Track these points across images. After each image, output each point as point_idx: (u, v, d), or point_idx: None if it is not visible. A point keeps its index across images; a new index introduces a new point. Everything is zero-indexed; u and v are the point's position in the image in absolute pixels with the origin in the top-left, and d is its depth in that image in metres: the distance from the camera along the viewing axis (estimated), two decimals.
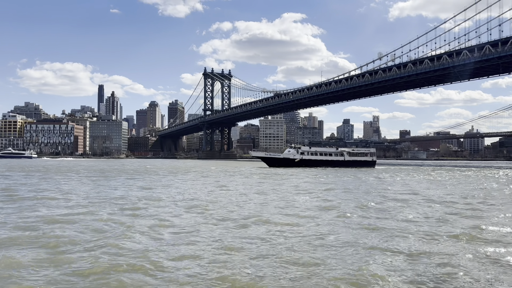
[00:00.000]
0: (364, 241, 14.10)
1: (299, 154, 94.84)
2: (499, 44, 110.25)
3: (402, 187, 38.97)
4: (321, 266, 11.24)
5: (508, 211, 21.72)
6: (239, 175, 58.48)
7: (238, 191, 33.05)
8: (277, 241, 14.13)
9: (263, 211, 20.98)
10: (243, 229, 16.20)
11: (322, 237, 14.77)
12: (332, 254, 12.47)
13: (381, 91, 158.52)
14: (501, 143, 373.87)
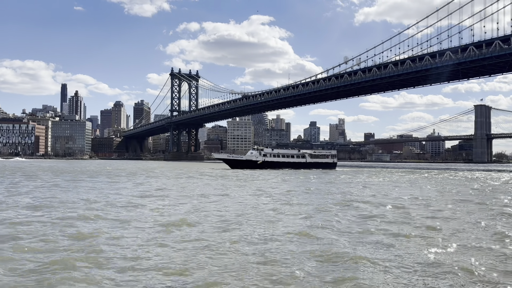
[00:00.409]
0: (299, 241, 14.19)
1: (261, 156, 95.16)
2: (459, 51, 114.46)
3: (359, 188, 39.74)
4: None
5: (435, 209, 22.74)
6: (198, 177, 57.46)
7: (181, 194, 31.80)
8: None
9: (186, 215, 20.19)
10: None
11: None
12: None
13: (346, 94, 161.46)
14: (461, 146, 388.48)
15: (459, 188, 40.67)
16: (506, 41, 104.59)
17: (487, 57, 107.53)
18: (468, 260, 11.80)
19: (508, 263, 11.66)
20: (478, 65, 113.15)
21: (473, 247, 13.38)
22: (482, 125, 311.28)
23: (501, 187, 43.85)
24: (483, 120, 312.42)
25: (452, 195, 32.66)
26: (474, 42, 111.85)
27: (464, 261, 11.69)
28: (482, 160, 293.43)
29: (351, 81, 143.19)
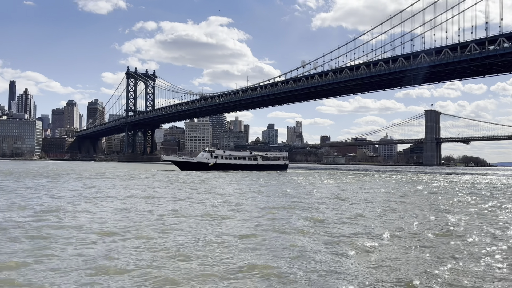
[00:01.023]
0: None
1: (213, 158, 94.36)
2: (411, 57, 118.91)
3: (307, 189, 40.30)
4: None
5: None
6: (145, 179, 56.23)
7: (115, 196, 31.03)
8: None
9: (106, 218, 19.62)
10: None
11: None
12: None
13: (304, 97, 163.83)
14: (412, 150, 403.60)
15: (399, 189, 42.09)
16: (454, 50, 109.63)
17: (437, 64, 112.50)
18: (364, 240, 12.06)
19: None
20: (425, 72, 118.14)
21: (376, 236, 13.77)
22: (432, 130, 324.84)
23: (440, 190, 45.74)
24: (433, 124, 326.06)
25: (389, 196, 33.71)
26: (425, 50, 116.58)
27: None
28: (431, 163, 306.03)
29: (308, 85, 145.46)
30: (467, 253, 13.04)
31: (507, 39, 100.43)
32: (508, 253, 13.19)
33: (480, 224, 19.01)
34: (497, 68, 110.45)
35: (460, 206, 27.15)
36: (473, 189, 46.71)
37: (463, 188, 48.06)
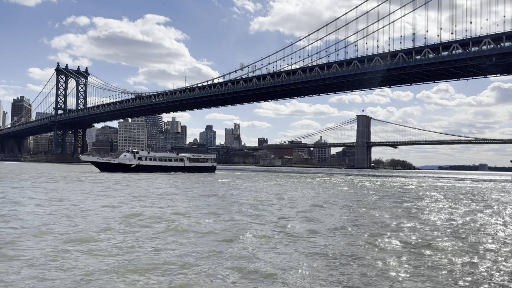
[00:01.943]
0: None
1: (136, 159, 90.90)
2: (344, 64, 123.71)
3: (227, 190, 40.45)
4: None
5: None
6: (60, 181, 53.33)
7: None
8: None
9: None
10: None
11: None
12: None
13: (242, 100, 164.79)
14: (344, 153, 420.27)
15: (323, 190, 43.52)
16: (384, 58, 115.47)
17: (368, 71, 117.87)
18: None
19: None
20: (357, 79, 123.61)
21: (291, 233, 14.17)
22: (363, 134, 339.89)
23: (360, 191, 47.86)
24: (364, 129, 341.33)
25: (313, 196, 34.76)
26: (358, 57, 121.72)
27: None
28: (362, 166, 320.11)
29: (246, 88, 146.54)
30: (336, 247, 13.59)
31: (431, 50, 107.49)
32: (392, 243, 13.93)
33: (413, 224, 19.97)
34: (422, 77, 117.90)
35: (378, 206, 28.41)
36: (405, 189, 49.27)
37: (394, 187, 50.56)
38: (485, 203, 32.93)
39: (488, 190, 51.18)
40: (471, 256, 12.82)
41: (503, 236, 16.65)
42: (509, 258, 12.73)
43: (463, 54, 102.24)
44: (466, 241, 15.25)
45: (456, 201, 33.82)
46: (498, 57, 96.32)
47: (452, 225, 19.14)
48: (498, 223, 20.19)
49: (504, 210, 26.81)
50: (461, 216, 23.40)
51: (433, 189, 52.73)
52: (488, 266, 11.76)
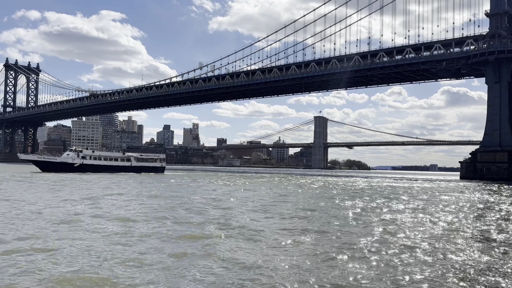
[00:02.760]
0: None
1: (79, 158, 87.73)
2: (302, 66, 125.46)
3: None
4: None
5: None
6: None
7: None
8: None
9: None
10: None
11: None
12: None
13: (201, 99, 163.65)
14: (302, 153, 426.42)
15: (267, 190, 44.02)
16: (341, 61, 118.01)
17: (330, 73, 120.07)
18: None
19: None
20: (315, 81, 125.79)
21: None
22: (320, 135, 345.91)
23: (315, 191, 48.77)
24: (321, 130, 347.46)
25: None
26: (316, 59, 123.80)
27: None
28: (319, 166, 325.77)
29: (205, 87, 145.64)
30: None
31: (386, 54, 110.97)
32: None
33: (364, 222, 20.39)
34: (377, 80, 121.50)
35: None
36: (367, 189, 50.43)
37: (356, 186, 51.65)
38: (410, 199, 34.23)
39: (423, 189, 53.29)
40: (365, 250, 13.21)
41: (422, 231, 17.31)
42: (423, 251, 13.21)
43: (415, 58, 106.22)
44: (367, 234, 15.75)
45: (384, 200, 34.92)
46: (448, 62, 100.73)
47: (366, 220, 19.73)
48: (422, 221, 20.96)
49: (431, 208, 27.95)
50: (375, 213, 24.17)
51: (371, 188, 54.34)
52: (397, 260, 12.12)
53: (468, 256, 12.82)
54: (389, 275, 10.57)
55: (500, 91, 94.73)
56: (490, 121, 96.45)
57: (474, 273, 10.90)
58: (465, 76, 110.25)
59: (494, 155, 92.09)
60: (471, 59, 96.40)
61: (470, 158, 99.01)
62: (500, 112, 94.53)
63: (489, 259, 12.42)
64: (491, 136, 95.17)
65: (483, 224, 19.91)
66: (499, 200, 35.51)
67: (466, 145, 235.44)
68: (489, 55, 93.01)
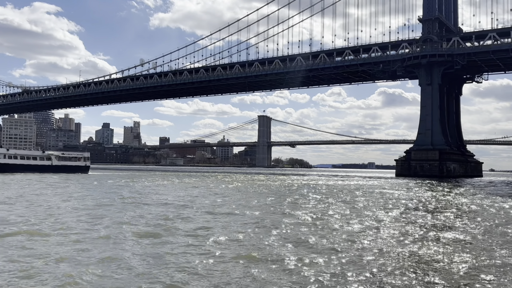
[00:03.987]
0: None
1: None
2: (246, 65, 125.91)
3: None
4: None
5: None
6: None
7: None
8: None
9: None
10: None
11: None
12: None
13: (142, 97, 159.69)
14: (246, 152, 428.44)
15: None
16: (284, 61, 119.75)
17: (269, 73, 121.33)
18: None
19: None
20: (259, 80, 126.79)
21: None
22: (264, 134, 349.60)
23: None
24: (264, 129, 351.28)
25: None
26: (259, 59, 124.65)
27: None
28: (263, 165, 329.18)
29: (147, 84, 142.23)
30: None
31: (327, 55, 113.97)
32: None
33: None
34: (318, 80, 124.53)
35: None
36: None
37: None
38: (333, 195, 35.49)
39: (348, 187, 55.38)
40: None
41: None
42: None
43: (354, 60, 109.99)
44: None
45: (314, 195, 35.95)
46: (385, 64, 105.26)
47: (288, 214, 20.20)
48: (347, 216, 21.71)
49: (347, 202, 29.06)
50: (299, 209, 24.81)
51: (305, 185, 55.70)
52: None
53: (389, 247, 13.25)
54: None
55: (432, 92, 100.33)
56: (423, 121, 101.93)
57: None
58: (400, 78, 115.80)
59: (426, 153, 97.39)
60: (405, 61, 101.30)
61: (405, 156, 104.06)
62: (432, 112, 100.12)
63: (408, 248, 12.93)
64: (424, 135, 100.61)
65: (409, 218, 20.81)
66: (421, 196, 37.42)
67: (401, 143, 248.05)
68: (422, 59, 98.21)
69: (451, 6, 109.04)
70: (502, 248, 13.34)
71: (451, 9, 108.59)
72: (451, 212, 24.19)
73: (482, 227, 17.94)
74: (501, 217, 21.96)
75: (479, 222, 19.63)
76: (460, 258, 11.87)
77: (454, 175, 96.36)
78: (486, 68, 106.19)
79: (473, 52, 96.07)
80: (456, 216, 21.95)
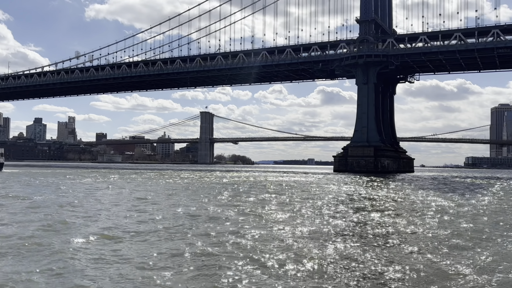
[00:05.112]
0: None
1: None
2: (188, 60, 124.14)
3: None
4: None
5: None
6: None
7: None
8: None
9: None
10: None
11: None
12: None
13: (78, 91, 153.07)
14: (188, 149, 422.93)
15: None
16: (226, 57, 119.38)
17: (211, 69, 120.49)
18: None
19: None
20: (201, 76, 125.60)
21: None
22: (206, 130, 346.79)
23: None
24: (207, 125, 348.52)
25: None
26: (201, 55, 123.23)
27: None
28: (205, 161, 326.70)
29: (82, 78, 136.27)
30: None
31: (268, 53, 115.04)
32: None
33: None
34: (260, 77, 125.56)
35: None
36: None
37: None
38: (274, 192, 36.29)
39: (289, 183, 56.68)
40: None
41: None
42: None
43: (295, 58, 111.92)
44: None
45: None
46: (324, 63, 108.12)
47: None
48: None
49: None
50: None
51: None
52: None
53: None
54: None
55: (368, 91, 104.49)
56: (359, 119, 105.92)
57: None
58: (339, 77, 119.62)
59: (362, 150, 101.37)
60: (343, 61, 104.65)
61: (342, 152, 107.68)
62: (368, 111, 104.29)
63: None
64: (360, 132, 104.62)
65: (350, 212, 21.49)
66: (352, 190, 38.91)
67: (339, 140, 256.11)
68: (359, 59, 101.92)
69: (386, 8, 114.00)
70: (413, 238, 14.05)
71: (386, 12, 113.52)
72: (374, 205, 25.26)
73: (404, 219, 18.86)
74: (420, 208, 23.42)
75: (400, 214, 20.70)
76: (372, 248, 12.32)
77: (388, 170, 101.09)
78: (417, 69, 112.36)
79: (406, 53, 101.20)
80: (378, 210, 22.87)
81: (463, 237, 14.41)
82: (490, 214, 21.24)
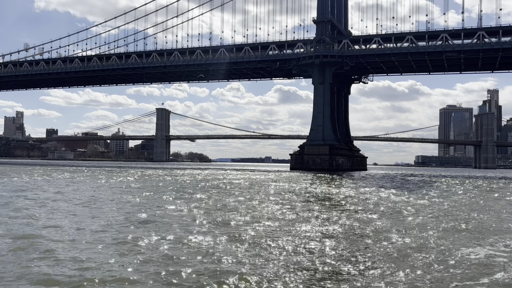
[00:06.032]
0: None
1: None
2: (144, 56, 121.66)
3: None
4: None
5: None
6: None
7: None
8: None
9: None
10: None
11: None
12: None
13: (26, 85, 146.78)
14: (143, 146, 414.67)
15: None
16: (183, 54, 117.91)
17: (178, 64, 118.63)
18: None
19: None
20: (157, 72, 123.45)
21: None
22: (162, 127, 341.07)
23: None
24: (163, 122, 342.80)
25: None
26: (157, 50, 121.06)
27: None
28: (161, 159, 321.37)
29: (32, 71, 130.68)
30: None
31: (226, 51, 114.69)
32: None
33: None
34: (218, 75, 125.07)
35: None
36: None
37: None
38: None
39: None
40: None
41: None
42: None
43: (253, 56, 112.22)
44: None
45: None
46: (281, 62, 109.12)
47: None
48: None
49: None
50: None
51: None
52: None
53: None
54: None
55: (324, 91, 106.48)
56: (315, 118, 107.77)
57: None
58: (296, 76, 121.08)
59: (318, 148, 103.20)
60: (300, 61, 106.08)
61: (299, 151, 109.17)
62: (323, 110, 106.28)
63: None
64: (316, 131, 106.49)
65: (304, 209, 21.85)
66: (305, 188, 39.69)
67: (296, 139, 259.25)
68: (315, 58, 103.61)
69: (342, 10, 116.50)
70: (363, 234, 14.51)
71: (342, 13, 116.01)
72: (326, 201, 25.87)
73: (351, 214, 19.43)
74: (368, 204, 24.30)
75: (348, 210, 21.32)
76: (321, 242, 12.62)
77: (343, 168, 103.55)
78: (371, 70, 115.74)
79: (361, 54, 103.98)
80: (328, 207, 23.46)
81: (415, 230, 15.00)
82: (449, 209, 22.26)
